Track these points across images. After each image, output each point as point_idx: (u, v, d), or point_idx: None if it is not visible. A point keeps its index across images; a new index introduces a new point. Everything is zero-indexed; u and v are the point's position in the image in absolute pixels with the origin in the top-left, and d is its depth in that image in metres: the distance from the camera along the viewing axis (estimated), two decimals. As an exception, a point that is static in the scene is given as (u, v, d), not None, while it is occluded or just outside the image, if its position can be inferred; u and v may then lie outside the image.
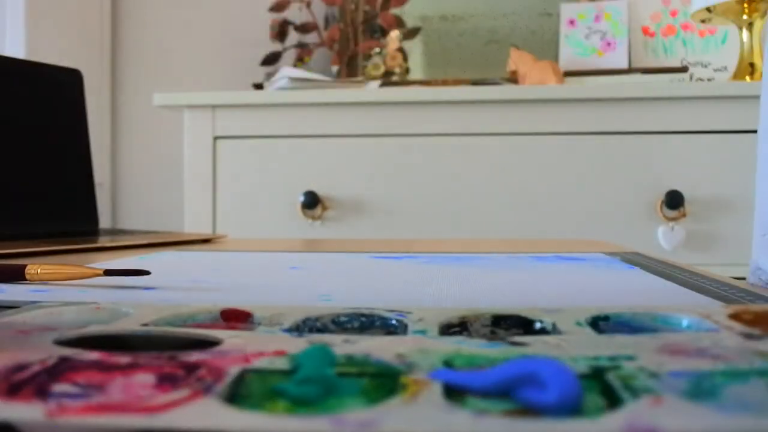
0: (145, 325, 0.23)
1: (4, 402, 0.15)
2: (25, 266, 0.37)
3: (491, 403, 0.16)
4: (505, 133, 1.23)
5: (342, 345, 0.20)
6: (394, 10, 1.60)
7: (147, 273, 0.37)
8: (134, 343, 0.22)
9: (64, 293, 0.34)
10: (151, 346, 0.21)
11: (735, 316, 0.24)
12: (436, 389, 0.16)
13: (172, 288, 0.37)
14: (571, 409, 0.15)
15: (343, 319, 0.26)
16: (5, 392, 0.16)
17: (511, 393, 0.16)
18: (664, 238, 1.17)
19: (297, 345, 0.20)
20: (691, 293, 0.34)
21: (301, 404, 0.16)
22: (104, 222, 1.65)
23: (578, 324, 0.23)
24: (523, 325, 0.25)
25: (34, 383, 0.17)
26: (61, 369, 0.18)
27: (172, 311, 0.25)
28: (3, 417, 0.14)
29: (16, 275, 0.37)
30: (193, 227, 1.32)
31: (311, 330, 0.24)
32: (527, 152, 1.23)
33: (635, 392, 0.15)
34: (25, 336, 0.21)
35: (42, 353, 0.18)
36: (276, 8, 1.60)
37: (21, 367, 0.17)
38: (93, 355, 0.18)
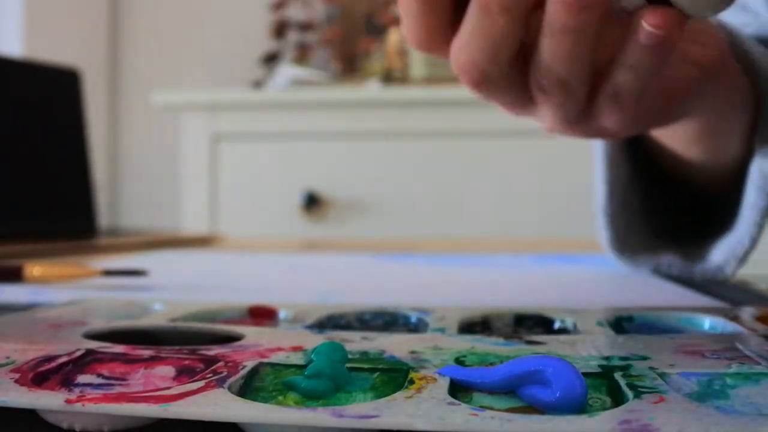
0: (174, 320, 0.24)
1: (30, 390, 0.16)
2: (22, 266, 0.37)
3: (496, 400, 0.16)
4: (505, 132, 1.21)
5: (360, 342, 0.21)
6: (395, 9, 1.59)
7: (145, 273, 0.37)
8: (161, 338, 0.23)
9: (62, 293, 0.33)
10: (177, 341, 0.22)
11: (762, 319, 0.23)
12: (442, 385, 0.16)
13: (170, 288, 0.36)
14: (575, 407, 0.15)
15: (367, 317, 0.26)
16: (32, 381, 0.17)
17: (516, 390, 0.16)
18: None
19: (315, 341, 0.21)
20: (693, 294, 0.34)
21: (310, 397, 0.16)
22: (103, 221, 1.65)
23: (599, 324, 0.23)
24: (544, 324, 0.25)
25: (60, 374, 0.18)
26: (86, 361, 0.18)
27: (200, 308, 0.26)
28: (25, 403, 0.15)
29: (14, 275, 0.36)
30: (192, 227, 1.32)
31: (334, 327, 0.25)
32: (528, 151, 1.21)
33: (639, 392, 0.15)
34: (56, 330, 0.22)
35: (70, 346, 0.19)
36: (276, 6, 1.60)
37: (49, 359, 0.18)
38: (118, 348, 0.19)
